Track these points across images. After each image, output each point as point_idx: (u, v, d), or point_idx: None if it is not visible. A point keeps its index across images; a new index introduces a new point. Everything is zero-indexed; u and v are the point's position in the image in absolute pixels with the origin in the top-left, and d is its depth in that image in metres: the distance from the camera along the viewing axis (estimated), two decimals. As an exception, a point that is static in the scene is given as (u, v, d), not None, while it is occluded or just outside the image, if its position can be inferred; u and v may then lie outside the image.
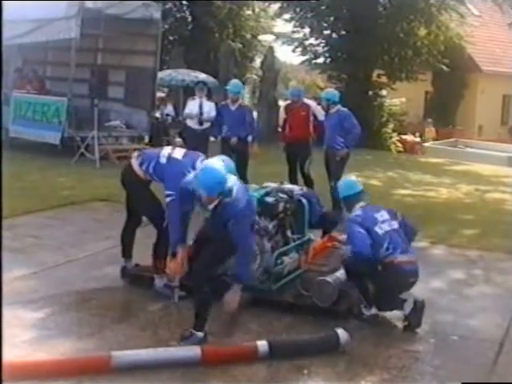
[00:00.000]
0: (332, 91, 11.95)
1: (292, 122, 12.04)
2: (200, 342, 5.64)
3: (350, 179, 7.25)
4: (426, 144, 28.55)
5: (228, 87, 12.25)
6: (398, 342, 6.13)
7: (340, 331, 5.83)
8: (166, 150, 6.75)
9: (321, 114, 12.03)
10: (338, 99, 11.40)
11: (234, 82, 12.48)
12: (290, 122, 12.09)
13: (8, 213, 8.95)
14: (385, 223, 6.59)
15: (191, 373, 5.30)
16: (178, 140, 18.01)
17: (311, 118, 11.90)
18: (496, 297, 7.61)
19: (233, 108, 11.79)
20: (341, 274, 6.91)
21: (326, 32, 27.71)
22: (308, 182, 11.69)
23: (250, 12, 32.86)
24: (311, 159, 11.86)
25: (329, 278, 6.66)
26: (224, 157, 6.66)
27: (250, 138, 11.79)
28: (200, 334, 5.73)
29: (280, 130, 13.20)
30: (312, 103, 12.10)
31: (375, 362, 5.67)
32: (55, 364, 5.28)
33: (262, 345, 5.59)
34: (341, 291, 6.64)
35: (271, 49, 27.76)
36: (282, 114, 12.62)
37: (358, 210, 6.69)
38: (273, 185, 7.62)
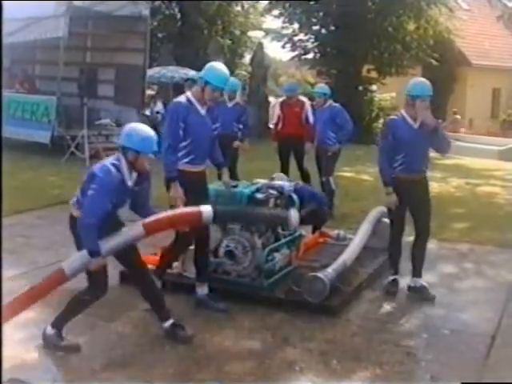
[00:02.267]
0: (324, 86, 11.85)
1: (285, 118, 11.86)
2: None
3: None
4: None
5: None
6: (389, 336, 6.12)
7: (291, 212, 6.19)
8: None
9: (311, 116, 11.69)
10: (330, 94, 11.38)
11: (230, 79, 12.32)
12: (283, 119, 11.92)
13: (-2, 213, 8.93)
14: None
15: (183, 370, 5.31)
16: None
17: (303, 116, 11.74)
18: (487, 290, 7.62)
19: (229, 105, 11.73)
20: (333, 269, 6.92)
21: (315, 27, 27.76)
22: (305, 178, 11.68)
23: (238, 8, 32.86)
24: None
25: (320, 274, 6.66)
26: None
27: (239, 135, 11.75)
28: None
29: (272, 126, 12.97)
30: (307, 102, 11.95)
31: (368, 357, 5.66)
32: (25, 297, 5.65)
33: (207, 209, 5.63)
34: (332, 287, 6.65)
35: (260, 45, 27.78)
36: (276, 110, 12.42)
37: None
38: (263, 181, 7.61)
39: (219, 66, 6.60)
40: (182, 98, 6.51)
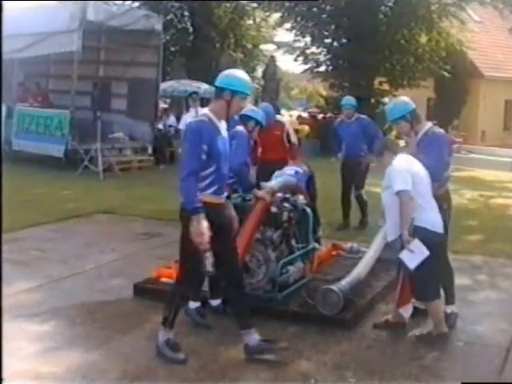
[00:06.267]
0: (351, 98, 11.56)
1: (264, 142, 9.74)
2: None
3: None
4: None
5: None
6: (403, 349, 6.11)
7: None
8: None
9: (294, 136, 10.86)
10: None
11: None
12: (261, 143, 9.67)
13: (13, 226, 8.99)
14: None
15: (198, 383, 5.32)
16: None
17: (285, 138, 10.46)
18: (501, 302, 7.60)
19: (236, 117, 11.61)
20: (346, 282, 6.91)
21: (327, 40, 27.81)
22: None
23: (250, 22, 32.93)
24: None
25: (334, 287, 6.66)
26: None
27: None
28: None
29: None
30: (286, 122, 11.36)
31: (382, 370, 5.65)
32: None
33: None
34: (346, 300, 6.64)
35: (273, 58, 27.93)
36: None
37: None
38: (277, 195, 7.61)
39: (238, 72, 5.81)
40: (203, 117, 5.55)
